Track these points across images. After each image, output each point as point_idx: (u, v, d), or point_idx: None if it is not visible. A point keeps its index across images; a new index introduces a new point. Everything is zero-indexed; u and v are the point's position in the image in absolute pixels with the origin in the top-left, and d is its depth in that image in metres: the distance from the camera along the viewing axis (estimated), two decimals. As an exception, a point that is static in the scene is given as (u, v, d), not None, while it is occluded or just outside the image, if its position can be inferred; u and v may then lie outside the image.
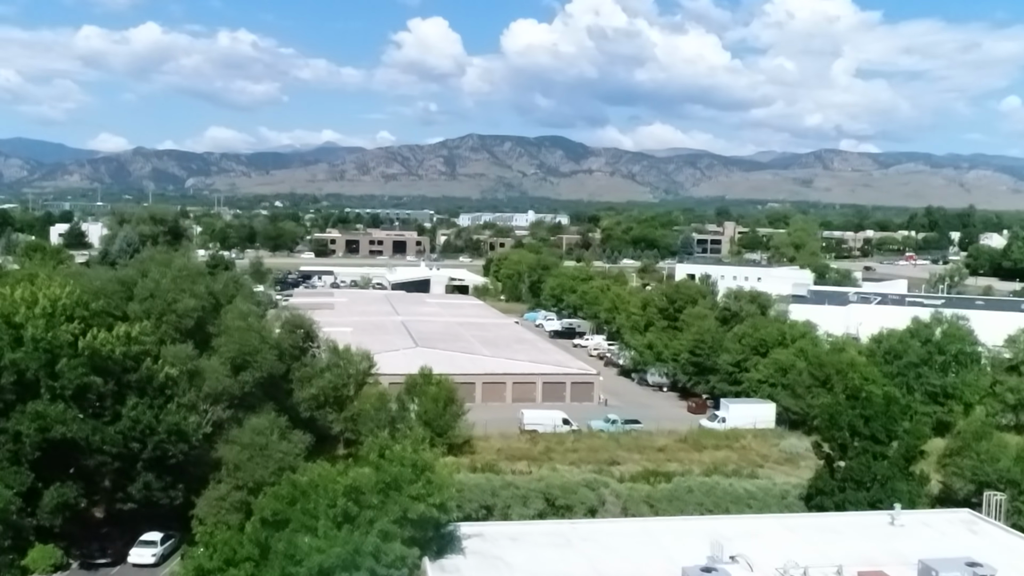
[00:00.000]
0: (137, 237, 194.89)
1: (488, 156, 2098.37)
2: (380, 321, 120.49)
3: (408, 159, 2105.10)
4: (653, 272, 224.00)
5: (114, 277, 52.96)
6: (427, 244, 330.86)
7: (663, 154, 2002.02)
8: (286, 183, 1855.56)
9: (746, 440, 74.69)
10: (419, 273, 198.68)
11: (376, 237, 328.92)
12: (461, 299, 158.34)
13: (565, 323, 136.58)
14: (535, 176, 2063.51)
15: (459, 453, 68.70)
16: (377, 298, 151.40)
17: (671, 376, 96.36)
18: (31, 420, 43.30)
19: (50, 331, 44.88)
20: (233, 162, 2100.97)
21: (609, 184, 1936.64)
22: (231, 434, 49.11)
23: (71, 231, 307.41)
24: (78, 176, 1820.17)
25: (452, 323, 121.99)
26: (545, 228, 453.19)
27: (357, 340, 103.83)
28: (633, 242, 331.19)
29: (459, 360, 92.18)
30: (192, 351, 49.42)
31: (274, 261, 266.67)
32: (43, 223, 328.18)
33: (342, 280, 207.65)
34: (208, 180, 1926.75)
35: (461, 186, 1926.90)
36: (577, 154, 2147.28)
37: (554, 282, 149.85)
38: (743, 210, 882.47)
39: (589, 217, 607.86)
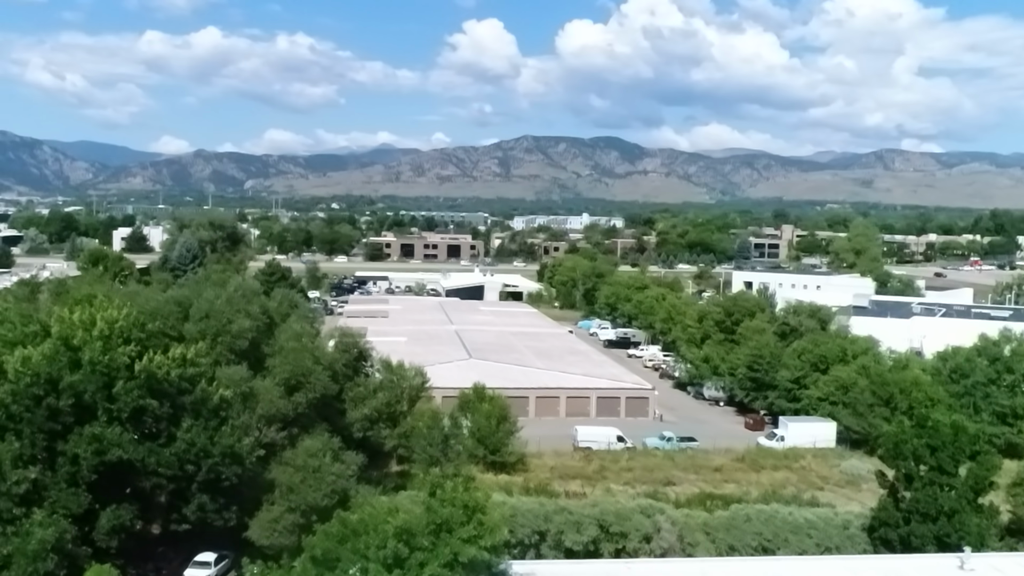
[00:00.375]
0: (197, 243, 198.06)
1: (542, 157, 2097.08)
2: (434, 330, 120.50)
3: (463, 160, 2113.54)
4: (709, 279, 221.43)
5: (170, 298, 53.33)
6: (481, 248, 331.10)
7: (719, 154, 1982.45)
8: (342, 185, 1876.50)
9: (805, 460, 72.96)
10: (473, 279, 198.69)
11: (430, 241, 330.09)
12: (515, 307, 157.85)
13: (620, 333, 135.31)
14: (590, 177, 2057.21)
15: (512, 471, 68.20)
16: (431, 306, 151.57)
17: (728, 391, 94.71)
18: (88, 443, 43.67)
19: (107, 354, 45.24)
20: (291, 164, 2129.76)
21: (664, 185, 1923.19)
22: (284, 456, 49.11)
23: (133, 235, 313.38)
24: (141, 178, 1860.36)
25: (505, 332, 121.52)
26: (599, 231, 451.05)
27: (411, 350, 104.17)
28: (689, 246, 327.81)
29: (512, 373, 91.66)
30: (246, 372, 49.52)
31: (330, 265, 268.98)
32: (106, 227, 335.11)
33: (397, 286, 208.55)
34: (266, 182, 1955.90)
35: (515, 187, 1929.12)
36: (632, 155, 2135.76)
37: (609, 290, 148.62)
38: (801, 211, 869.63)
39: (644, 220, 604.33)
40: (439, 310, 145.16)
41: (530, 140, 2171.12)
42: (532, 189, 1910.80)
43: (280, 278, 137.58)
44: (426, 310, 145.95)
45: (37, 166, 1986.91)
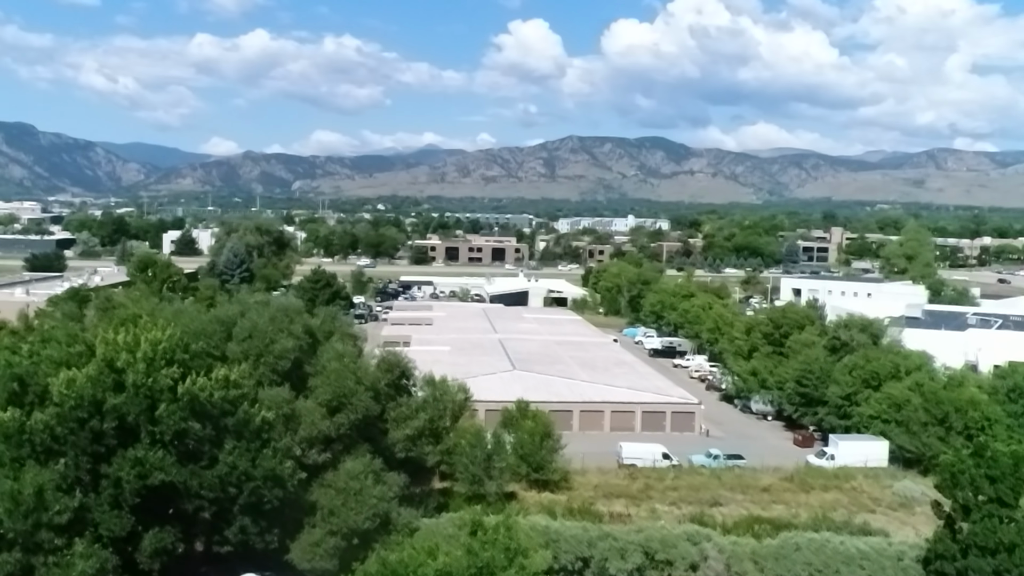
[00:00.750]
0: (244, 248, 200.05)
1: (588, 158, 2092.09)
2: (478, 339, 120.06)
3: (508, 161, 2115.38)
4: (756, 284, 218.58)
5: (214, 317, 53.33)
6: (526, 251, 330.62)
7: (767, 154, 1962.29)
8: (388, 185, 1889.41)
9: (857, 481, 71.11)
10: (517, 285, 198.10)
11: (475, 244, 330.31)
12: (559, 314, 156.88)
13: (665, 342, 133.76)
14: (635, 178, 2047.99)
15: (556, 489, 67.42)
16: (475, 313, 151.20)
17: (776, 405, 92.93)
18: (131, 466, 43.65)
19: (151, 376, 45.20)
20: (337, 165, 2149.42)
21: (711, 185, 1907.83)
22: (326, 478, 48.80)
23: (182, 238, 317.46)
24: (191, 179, 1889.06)
25: (550, 342, 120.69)
26: (645, 234, 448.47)
27: (454, 361, 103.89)
28: (736, 250, 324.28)
29: (556, 385, 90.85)
30: (289, 394, 49.30)
31: (375, 269, 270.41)
32: (157, 230, 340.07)
33: (441, 290, 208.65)
34: (314, 183, 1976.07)
35: (560, 188, 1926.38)
36: (678, 155, 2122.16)
37: (654, 298, 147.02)
38: (850, 212, 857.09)
39: (690, 221, 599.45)
40: (483, 317, 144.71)
41: (575, 140, 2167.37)
42: (577, 190, 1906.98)
43: (325, 285, 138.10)
44: (470, 317, 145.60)
45: (91, 167, 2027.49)
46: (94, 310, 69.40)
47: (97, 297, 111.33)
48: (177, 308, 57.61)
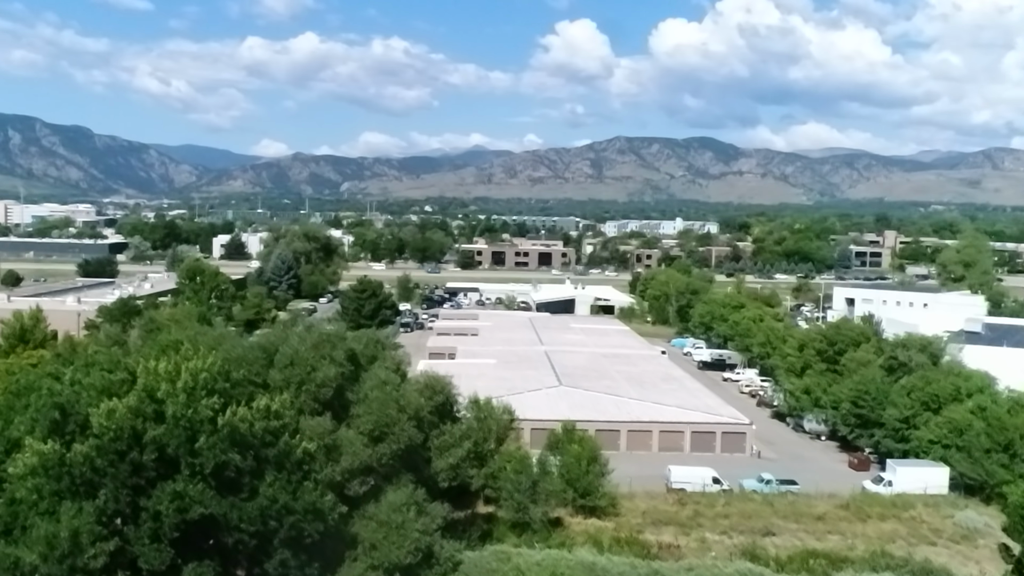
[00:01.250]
0: (291, 254, 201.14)
1: (635, 158, 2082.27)
2: (523, 351, 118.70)
3: (555, 162, 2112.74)
4: (808, 292, 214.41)
5: (255, 344, 52.67)
6: (572, 256, 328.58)
7: (818, 154, 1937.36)
8: (436, 187, 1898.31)
9: (916, 510, 68.40)
10: (564, 292, 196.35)
11: (522, 249, 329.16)
12: (606, 324, 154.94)
13: (715, 354, 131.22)
14: (683, 178, 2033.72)
15: (602, 515, 65.78)
16: (521, 322, 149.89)
17: (830, 425, 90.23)
18: (170, 500, 43.00)
19: (191, 407, 44.53)
20: (385, 166, 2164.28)
21: (760, 186, 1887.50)
22: (367, 510, 47.80)
23: (232, 243, 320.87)
24: (241, 181, 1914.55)
25: (597, 354, 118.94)
26: (693, 237, 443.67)
27: (500, 375, 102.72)
28: (786, 255, 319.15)
29: (604, 403, 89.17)
30: (330, 423, 48.41)
31: (421, 275, 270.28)
32: (207, 234, 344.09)
33: (487, 297, 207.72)
34: (362, 184, 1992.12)
35: (608, 189, 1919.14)
36: (727, 155, 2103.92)
37: (704, 309, 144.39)
38: (904, 213, 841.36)
39: (739, 224, 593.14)
40: (529, 327, 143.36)
41: (623, 141, 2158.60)
42: (624, 191, 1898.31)
43: (371, 295, 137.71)
44: (516, 327, 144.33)
45: (144, 169, 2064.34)
46: (139, 330, 69.07)
47: (145, 310, 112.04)
48: (220, 333, 57.01)
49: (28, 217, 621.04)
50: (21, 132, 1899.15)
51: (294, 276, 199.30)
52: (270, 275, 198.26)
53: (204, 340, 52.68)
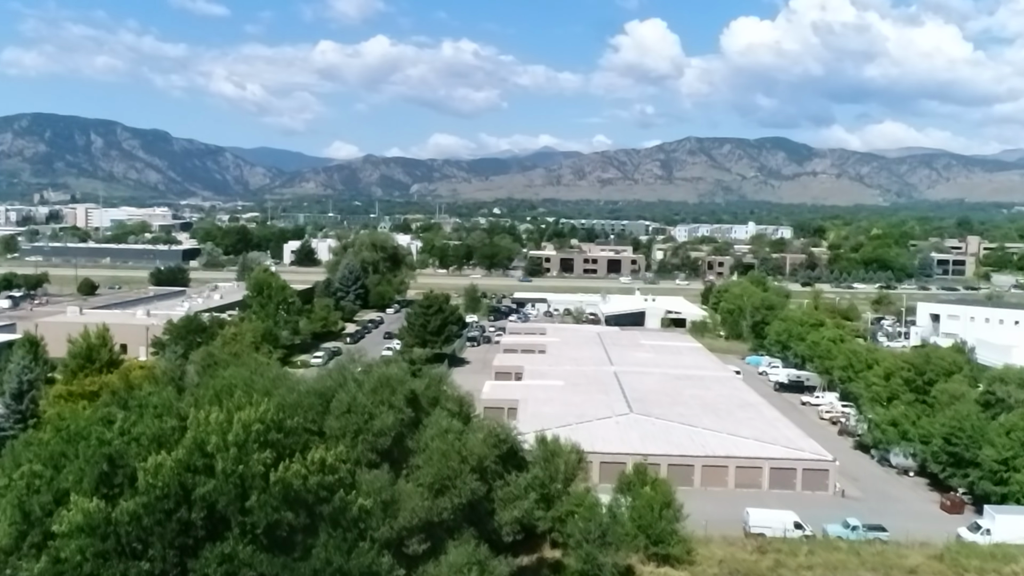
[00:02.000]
0: (359, 265, 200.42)
1: (706, 159, 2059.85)
2: (592, 372, 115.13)
3: (624, 163, 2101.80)
4: (889, 304, 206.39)
5: (312, 389, 50.14)
6: (642, 263, 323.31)
7: (895, 154, 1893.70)
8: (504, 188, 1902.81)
9: (1019, 564, 63.11)
10: (634, 304, 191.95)
11: (590, 256, 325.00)
12: (677, 340, 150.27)
13: (793, 375, 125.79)
14: (755, 179, 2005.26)
15: (676, 564, 62.02)
16: (590, 338, 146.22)
17: (919, 460, 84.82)
18: (219, 563, 40.76)
19: (242, 463, 42.23)
20: (454, 168, 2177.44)
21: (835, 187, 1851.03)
22: (427, 571, 44.97)
23: (302, 249, 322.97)
24: (313, 183, 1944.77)
25: (669, 376, 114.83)
26: (766, 243, 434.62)
27: (567, 399, 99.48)
28: (864, 263, 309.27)
29: (677, 434, 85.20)
30: (388, 476, 45.71)
31: (489, 282, 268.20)
32: (278, 240, 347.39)
33: (555, 308, 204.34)
34: (431, 186, 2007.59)
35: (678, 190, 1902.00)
36: (800, 155, 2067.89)
37: (780, 327, 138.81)
38: (986, 215, 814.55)
39: (814, 228, 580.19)
40: (598, 344, 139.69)
41: (693, 141, 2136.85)
42: (695, 192, 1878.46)
43: (437, 310, 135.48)
44: (584, 344, 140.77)
45: (220, 172, 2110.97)
46: (196, 364, 67.47)
47: (210, 327, 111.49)
48: (276, 374, 54.69)
49: (107, 221, 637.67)
50: (103, 136, 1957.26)
51: (361, 286, 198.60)
52: (338, 285, 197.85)
53: (260, 383, 50.47)
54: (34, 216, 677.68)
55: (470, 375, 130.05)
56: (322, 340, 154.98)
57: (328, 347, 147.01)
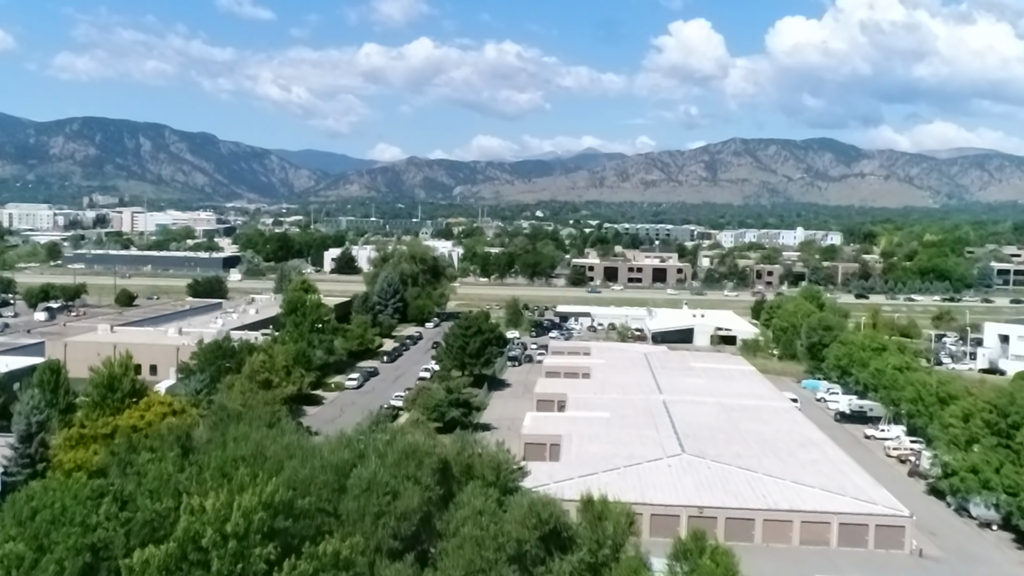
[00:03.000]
0: (398, 278, 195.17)
1: (751, 160, 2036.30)
2: (641, 403, 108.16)
3: (668, 165, 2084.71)
4: (950, 320, 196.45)
5: (327, 462, 44.22)
6: (688, 272, 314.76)
7: (945, 155, 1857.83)
8: (547, 190, 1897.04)
9: None
10: (681, 320, 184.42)
11: (635, 264, 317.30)
12: (729, 363, 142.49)
13: (855, 405, 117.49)
14: (802, 181, 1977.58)
15: (739, 646, 55.14)
16: (637, 360, 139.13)
17: (1003, 511, 76.91)
18: None
19: (241, 560, 36.38)
20: (498, 170, 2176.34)
21: (884, 189, 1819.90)
22: None
23: (343, 256, 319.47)
24: (357, 186, 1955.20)
25: (722, 405, 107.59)
26: (816, 250, 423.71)
27: (614, 435, 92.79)
28: (920, 272, 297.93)
29: (735, 480, 78.05)
30: (412, 568, 39.64)
31: (531, 293, 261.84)
32: (318, 247, 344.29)
33: (599, 323, 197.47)
34: (474, 188, 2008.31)
35: (723, 192, 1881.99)
36: (848, 156, 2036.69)
37: (840, 351, 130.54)
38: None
39: (864, 234, 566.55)
40: (645, 367, 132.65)
41: (738, 143, 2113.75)
42: (740, 194, 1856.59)
43: (476, 331, 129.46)
44: (631, 366, 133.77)
45: (265, 174, 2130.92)
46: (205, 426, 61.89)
47: (239, 352, 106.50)
48: (289, 442, 48.79)
49: (152, 225, 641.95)
50: (152, 139, 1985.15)
51: (400, 300, 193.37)
52: (376, 299, 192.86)
53: (271, 450, 44.80)
54: (81, 220, 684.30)
55: (511, 400, 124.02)
56: (359, 358, 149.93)
57: (363, 367, 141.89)
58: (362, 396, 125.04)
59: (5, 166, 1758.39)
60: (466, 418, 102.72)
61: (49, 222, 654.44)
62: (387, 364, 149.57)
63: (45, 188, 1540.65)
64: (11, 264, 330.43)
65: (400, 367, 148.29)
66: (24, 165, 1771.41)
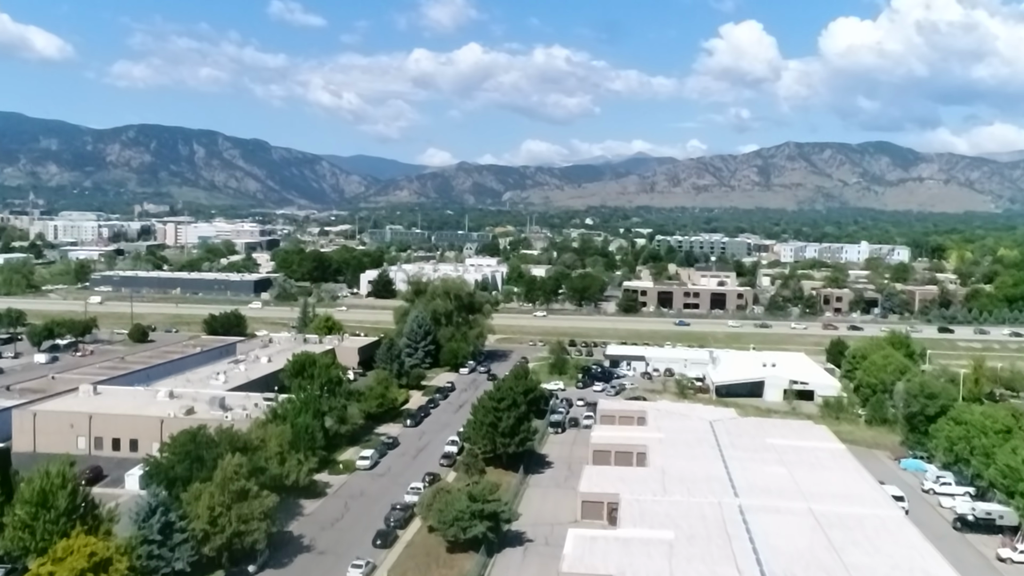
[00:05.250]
0: (429, 317, 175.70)
1: (805, 165, 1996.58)
2: (711, 513, 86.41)
3: (720, 169, 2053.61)
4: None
5: None
6: (749, 297, 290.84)
7: (1007, 158, 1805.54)
8: (597, 196, 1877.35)
9: None
10: (749, 368, 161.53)
11: (691, 289, 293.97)
12: (812, 437, 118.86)
13: (982, 509, 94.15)
14: (858, 185, 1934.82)
15: None
16: (702, 435, 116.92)
17: None
18: None
19: None
20: (547, 175, 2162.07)
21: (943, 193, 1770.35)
22: None
23: (380, 279, 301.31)
24: (407, 191, 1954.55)
25: (816, 516, 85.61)
26: (884, 269, 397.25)
27: (681, 571, 71.76)
28: (1008, 300, 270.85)
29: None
30: None
31: (579, 324, 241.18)
32: (356, 267, 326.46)
33: (655, 369, 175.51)
34: (523, 193, 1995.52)
35: (776, 197, 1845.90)
36: (906, 160, 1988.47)
37: (954, 432, 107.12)
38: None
39: (932, 248, 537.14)
40: (713, 447, 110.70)
41: (792, 147, 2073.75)
42: (794, 199, 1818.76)
43: (511, 405, 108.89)
44: (695, 445, 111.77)
45: (316, 180, 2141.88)
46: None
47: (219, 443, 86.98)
48: None
49: (195, 237, 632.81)
50: (205, 146, 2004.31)
51: (432, 342, 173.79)
52: (405, 340, 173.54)
53: None
54: (126, 232, 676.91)
55: (551, 491, 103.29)
56: (378, 421, 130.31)
57: (380, 438, 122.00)
58: (375, 481, 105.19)
59: (63, 173, 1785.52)
60: (493, 533, 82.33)
61: (94, 234, 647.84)
62: (410, 429, 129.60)
63: (101, 195, 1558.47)
64: (40, 285, 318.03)
65: (425, 434, 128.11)
66: (82, 172, 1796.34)
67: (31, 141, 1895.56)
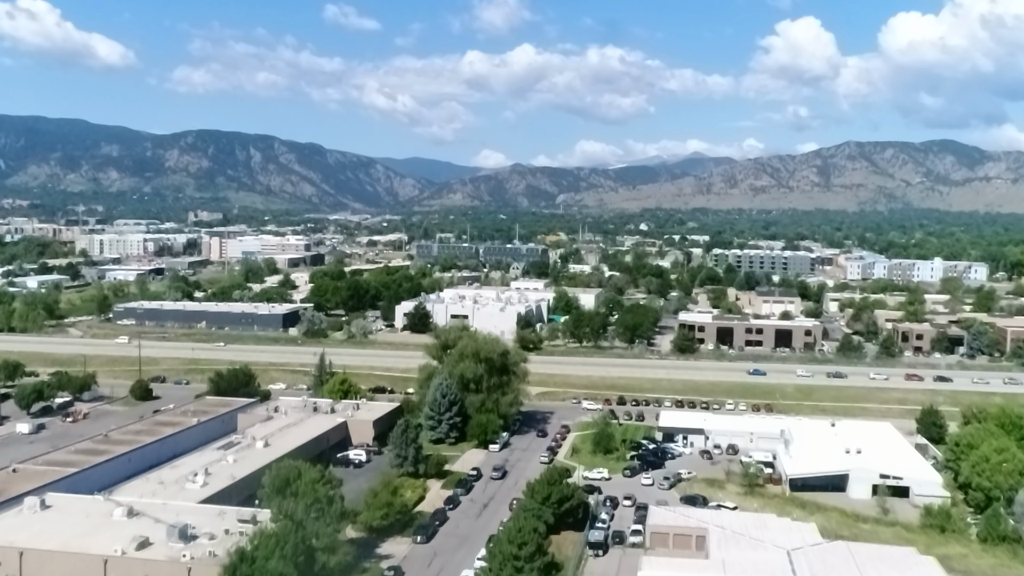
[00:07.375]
0: (455, 384, 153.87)
1: (866, 164, 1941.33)
2: None
3: (778, 170, 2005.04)
4: None
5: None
6: (817, 333, 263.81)
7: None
8: (652, 197, 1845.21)
9: None
10: (830, 460, 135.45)
11: (754, 325, 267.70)
12: (919, 573, 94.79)
13: None
14: (921, 186, 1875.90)
15: None
16: (781, 567, 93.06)
17: None
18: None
19: None
20: (601, 177, 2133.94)
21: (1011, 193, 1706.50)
22: None
23: (416, 312, 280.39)
24: (460, 194, 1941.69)
25: None
26: (962, 291, 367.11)
27: None
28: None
29: None
30: None
31: (629, 372, 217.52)
32: (391, 299, 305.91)
33: (716, 445, 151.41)
34: (577, 196, 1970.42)
35: (836, 198, 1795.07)
36: (971, 159, 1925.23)
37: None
38: None
39: (1012, 263, 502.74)
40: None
41: (852, 146, 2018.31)
42: (855, 199, 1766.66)
43: (536, 552, 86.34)
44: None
45: (371, 183, 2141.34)
46: None
47: None
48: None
49: (239, 252, 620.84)
50: (261, 151, 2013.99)
51: (459, 412, 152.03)
52: (428, 411, 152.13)
53: None
54: (172, 246, 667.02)
55: None
56: (381, 536, 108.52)
57: (381, 566, 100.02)
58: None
59: (124, 179, 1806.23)
60: None
61: (139, 248, 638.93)
62: (420, 546, 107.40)
63: (159, 200, 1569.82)
64: (64, 315, 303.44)
65: (437, 555, 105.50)
66: (141, 178, 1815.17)
67: (93, 147, 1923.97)
